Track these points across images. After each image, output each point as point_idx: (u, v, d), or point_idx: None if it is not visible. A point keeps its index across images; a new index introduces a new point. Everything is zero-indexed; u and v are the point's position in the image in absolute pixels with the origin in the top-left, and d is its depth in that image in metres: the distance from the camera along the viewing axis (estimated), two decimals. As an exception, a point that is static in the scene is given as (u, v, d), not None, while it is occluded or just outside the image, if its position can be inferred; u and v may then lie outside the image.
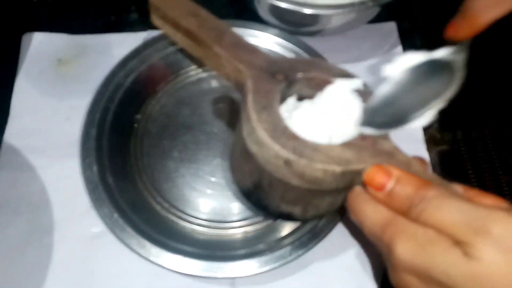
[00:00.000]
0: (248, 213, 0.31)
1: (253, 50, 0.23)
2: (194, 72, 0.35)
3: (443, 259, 0.16)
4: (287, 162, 0.19)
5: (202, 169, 0.32)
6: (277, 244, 0.28)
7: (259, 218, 0.31)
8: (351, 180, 0.20)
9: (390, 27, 0.39)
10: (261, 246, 0.28)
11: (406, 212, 0.18)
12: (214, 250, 0.28)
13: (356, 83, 0.22)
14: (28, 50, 0.36)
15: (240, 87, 0.23)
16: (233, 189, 0.31)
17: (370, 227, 0.19)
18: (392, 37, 0.39)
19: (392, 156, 0.19)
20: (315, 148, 0.19)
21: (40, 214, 0.30)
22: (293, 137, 0.19)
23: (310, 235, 0.27)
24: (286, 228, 0.30)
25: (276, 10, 0.33)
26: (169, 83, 0.35)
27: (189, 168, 0.32)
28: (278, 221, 0.30)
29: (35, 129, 0.33)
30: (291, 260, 0.27)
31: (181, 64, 0.35)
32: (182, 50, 0.34)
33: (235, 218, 0.31)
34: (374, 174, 0.18)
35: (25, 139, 0.33)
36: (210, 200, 0.31)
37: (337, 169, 0.19)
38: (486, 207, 0.16)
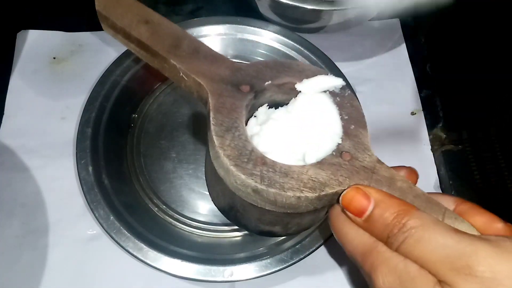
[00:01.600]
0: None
1: (214, 57, 0.21)
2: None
3: None
4: (256, 191, 0.17)
5: (200, 170, 0.31)
6: (278, 247, 0.27)
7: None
8: (330, 200, 0.18)
9: (394, 24, 0.39)
10: (261, 250, 0.27)
11: (385, 241, 0.16)
12: (213, 253, 0.27)
13: (329, 82, 0.20)
14: (23, 48, 0.36)
15: (203, 101, 0.21)
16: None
17: (350, 252, 0.18)
18: (396, 34, 0.38)
19: (372, 172, 0.18)
20: (286, 172, 0.17)
21: (35, 216, 0.30)
22: (261, 162, 0.18)
23: (311, 239, 0.27)
24: (287, 230, 0.29)
25: (277, 7, 0.32)
26: (166, 81, 0.34)
27: (187, 168, 0.31)
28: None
29: (29, 129, 0.33)
30: (292, 264, 0.26)
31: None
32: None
33: (234, 220, 0.30)
34: (351, 198, 0.17)
35: (20, 139, 0.32)
36: (208, 201, 0.30)
37: (311, 195, 0.17)
38: (471, 241, 0.15)
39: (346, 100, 0.20)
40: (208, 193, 0.30)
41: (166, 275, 0.26)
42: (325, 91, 0.20)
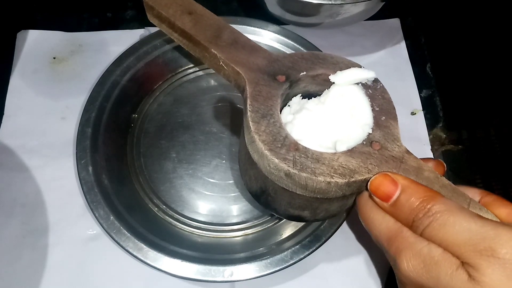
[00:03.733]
0: (248, 215, 0.30)
1: (252, 48, 0.22)
2: (192, 70, 0.35)
3: (447, 283, 0.16)
4: (288, 175, 0.18)
5: (200, 170, 0.31)
6: (278, 247, 0.27)
7: (259, 221, 0.30)
8: (358, 187, 0.19)
9: (394, 24, 0.39)
10: (261, 249, 0.27)
11: (410, 224, 0.17)
12: (213, 253, 0.27)
13: (362, 74, 0.21)
14: (23, 48, 0.36)
15: (240, 89, 0.22)
16: (232, 190, 0.31)
17: (377, 236, 0.18)
18: (396, 34, 0.38)
19: (401, 162, 0.18)
20: (317, 158, 0.18)
21: (35, 216, 0.30)
22: (294, 147, 0.18)
23: (312, 238, 0.27)
24: (287, 230, 0.29)
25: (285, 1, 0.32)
26: (167, 81, 0.34)
27: (187, 168, 0.31)
28: (279, 223, 0.30)
29: (29, 129, 0.33)
30: (292, 264, 0.26)
31: (179, 62, 0.34)
32: (180, 48, 0.34)
33: (234, 221, 0.30)
34: (379, 184, 0.18)
35: (20, 139, 0.32)
36: (209, 201, 0.30)
37: (341, 181, 0.18)
38: (495, 225, 0.16)
39: (377, 93, 0.21)
40: (208, 193, 0.31)
41: (166, 275, 0.26)
42: (357, 83, 0.21)
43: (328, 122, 0.20)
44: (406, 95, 0.35)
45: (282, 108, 0.21)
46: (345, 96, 0.21)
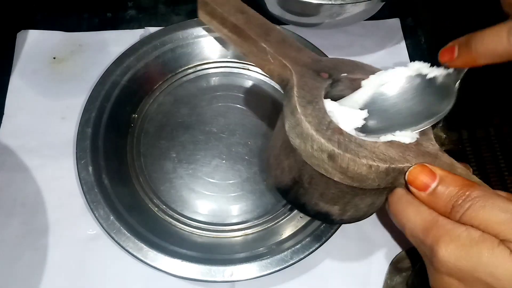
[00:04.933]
0: (248, 215, 0.30)
1: (298, 48, 0.23)
2: (192, 70, 0.35)
3: (488, 259, 0.16)
4: (331, 156, 0.19)
5: (200, 170, 0.31)
6: (278, 247, 0.27)
7: (260, 221, 0.30)
8: (394, 179, 0.19)
9: (394, 24, 0.39)
10: (261, 249, 0.27)
11: (449, 212, 0.18)
12: (213, 253, 0.27)
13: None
14: (23, 48, 0.36)
15: (284, 82, 0.23)
16: (232, 190, 0.31)
17: (412, 230, 0.19)
18: (396, 34, 0.38)
19: (436, 158, 0.19)
20: (360, 143, 0.19)
21: (35, 216, 0.30)
22: (339, 131, 0.19)
23: (312, 238, 0.27)
24: (287, 230, 0.29)
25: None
26: (167, 81, 0.34)
27: (187, 169, 0.31)
28: (279, 223, 0.30)
29: (29, 129, 0.33)
30: (292, 264, 0.26)
31: (179, 62, 0.34)
32: (180, 48, 0.34)
33: (234, 221, 0.30)
34: (418, 173, 0.18)
35: (20, 139, 0.32)
36: (209, 201, 0.30)
37: (382, 166, 0.18)
38: None
39: None
40: (208, 193, 0.31)
41: (166, 275, 0.26)
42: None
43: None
44: (406, 95, 0.35)
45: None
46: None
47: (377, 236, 0.30)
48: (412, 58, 0.37)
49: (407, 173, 0.19)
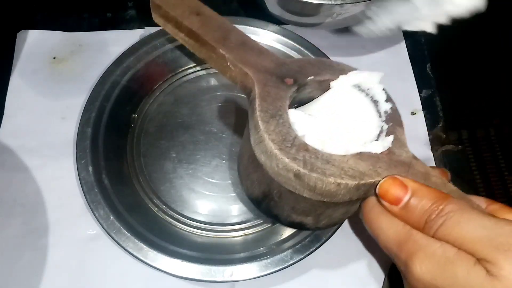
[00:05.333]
0: (248, 215, 0.30)
1: (260, 51, 0.22)
2: (192, 70, 0.35)
3: (465, 280, 0.15)
4: (297, 175, 0.18)
5: (200, 170, 0.31)
6: (278, 247, 0.27)
7: (260, 221, 0.30)
8: (366, 191, 0.19)
9: (394, 24, 0.38)
10: (261, 249, 0.27)
11: (423, 226, 0.17)
12: (213, 253, 0.27)
13: (366, 76, 0.21)
14: (22, 48, 0.36)
15: (247, 91, 0.21)
16: (232, 190, 0.31)
17: (385, 242, 0.18)
18: (396, 34, 0.38)
19: (409, 167, 0.18)
20: (327, 159, 0.18)
21: (35, 216, 0.29)
22: (304, 148, 0.18)
23: (312, 238, 0.27)
24: (287, 230, 0.29)
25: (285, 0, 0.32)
26: (167, 81, 0.34)
27: (187, 169, 0.31)
28: (279, 223, 0.30)
29: (29, 129, 0.33)
30: (292, 264, 0.26)
31: (179, 62, 0.34)
32: (180, 48, 0.34)
33: (234, 221, 0.30)
34: (388, 187, 0.17)
35: (20, 139, 0.32)
36: (209, 201, 0.30)
37: (351, 183, 0.18)
38: (509, 221, 0.16)
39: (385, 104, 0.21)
40: (208, 193, 0.31)
41: (166, 275, 0.26)
42: (361, 91, 0.21)
43: (336, 127, 0.20)
44: (406, 95, 0.35)
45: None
46: (349, 100, 0.21)
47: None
48: (412, 58, 0.37)
49: (377, 186, 0.18)
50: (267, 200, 0.21)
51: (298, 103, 0.22)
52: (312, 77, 0.21)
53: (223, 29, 0.22)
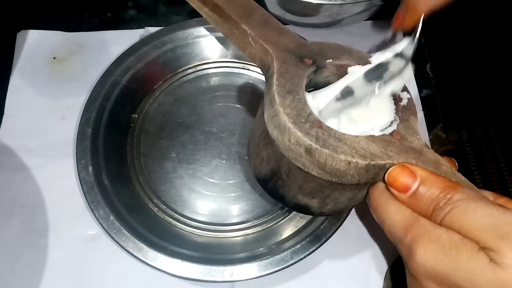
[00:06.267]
0: (248, 215, 0.30)
1: (282, 30, 0.22)
2: (192, 70, 0.35)
3: (467, 265, 0.15)
4: (309, 151, 0.18)
5: (200, 170, 0.31)
6: (278, 247, 0.27)
7: (260, 221, 0.30)
8: (375, 175, 0.19)
9: (394, 24, 0.38)
10: (261, 249, 0.27)
11: (430, 214, 0.17)
12: (213, 253, 0.27)
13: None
14: (23, 48, 0.36)
15: (265, 68, 0.22)
16: (232, 190, 0.31)
17: (391, 227, 0.18)
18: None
19: (420, 154, 0.18)
20: (340, 138, 0.18)
21: (35, 216, 0.29)
22: (318, 124, 0.18)
23: (312, 238, 0.27)
24: (287, 230, 0.29)
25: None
26: (167, 81, 0.34)
27: (187, 169, 0.31)
28: (279, 223, 0.30)
29: (29, 128, 0.32)
30: (292, 264, 0.26)
31: (179, 62, 0.34)
32: (180, 48, 0.34)
33: (234, 221, 0.30)
34: (398, 174, 0.18)
35: (20, 139, 0.32)
36: (209, 201, 0.30)
37: (361, 162, 0.18)
38: None
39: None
40: (208, 193, 0.31)
41: (166, 275, 0.26)
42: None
43: (349, 111, 0.20)
44: (406, 95, 0.35)
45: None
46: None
47: (377, 236, 0.30)
48: (412, 58, 0.37)
49: (386, 174, 0.18)
50: (274, 178, 0.21)
51: (314, 87, 0.22)
52: (331, 60, 0.21)
53: (247, 6, 0.23)
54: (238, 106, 0.34)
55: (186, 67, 0.35)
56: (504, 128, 0.35)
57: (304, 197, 0.21)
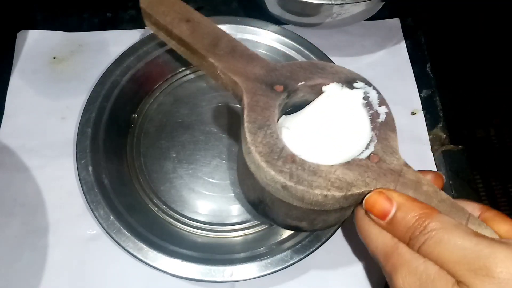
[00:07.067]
0: (248, 215, 0.30)
1: (250, 57, 0.22)
2: (192, 70, 0.35)
3: None
4: (285, 187, 0.18)
5: (200, 170, 0.31)
6: (278, 247, 0.27)
7: (259, 221, 0.30)
8: (356, 200, 0.19)
9: (394, 24, 0.39)
10: (261, 249, 0.27)
11: (407, 242, 0.17)
12: (213, 253, 0.27)
13: (358, 93, 0.20)
14: (23, 48, 0.36)
15: (238, 98, 0.21)
16: (232, 190, 0.31)
17: (374, 252, 0.18)
18: (396, 34, 0.38)
19: (399, 175, 0.18)
20: (314, 171, 0.18)
21: (35, 216, 0.29)
22: (291, 159, 0.18)
23: (312, 238, 0.27)
24: (287, 231, 0.29)
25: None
26: (167, 81, 0.34)
27: (187, 169, 0.31)
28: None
29: (29, 129, 0.33)
30: (292, 264, 0.26)
31: (179, 62, 0.34)
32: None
33: (234, 221, 0.30)
34: (374, 201, 0.18)
35: (20, 139, 0.32)
36: (209, 201, 0.30)
37: (338, 194, 0.18)
38: (490, 243, 0.15)
39: (375, 103, 0.20)
40: (208, 193, 0.31)
41: (166, 275, 0.26)
42: (355, 92, 0.21)
43: (325, 133, 0.20)
44: (406, 95, 0.35)
45: (279, 117, 0.21)
46: (342, 105, 0.20)
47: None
48: (412, 58, 0.37)
49: (364, 200, 0.18)
50: (262, 205, 0.21)
51: (292, 107, 0.22)
52: (303, 83, 0.21)
53: (212, 36, 0.22)
54: (238, 106, 0.33)
55: (186, 67, 0.35)
56: (504, 128, 0.35)
57: (293, 220, 0.21)
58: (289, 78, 0.21)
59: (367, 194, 0.18)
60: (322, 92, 0.21)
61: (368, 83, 0.21)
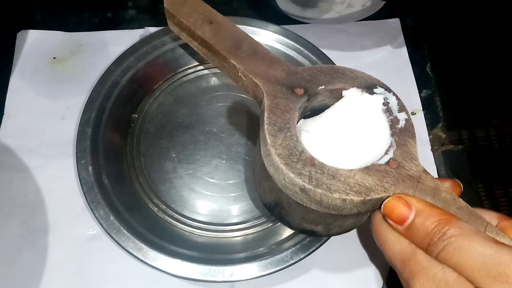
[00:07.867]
0: (248, 215, 0.30)
1: (272, 60, 0.22)
2: (192, 70, 0.35)
3: None
4: (303, 190, 0.18)
5: (200, 170, 0.31)
6: (278, 247, 0.27)
7: (260, 221, 0.30)
8: (374, 205, 0.19)
9: (394, 24, 0.39)
10: (261, 249, 0.27)
11: (425, 249, 0.17)
12: (213, 253, 0.27)
13: (378, 98, 0.21)
14: (23, 48, 0.36)
15: (258, 100, 0.22)
16: (232, 190, 0.31)
17: (390, 258, 0.18)
18: (396, 34, 0.38)
19: (418, 182, 0.18)
20: (333, 174, 0.18)
21: (35, 216, 0.29)
22: (311, 162, 0.18)
23: (311, 238, 0.27)
24: (287, 230, 0.29)
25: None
26: (167, 81, 0.34)
27: (187, 168, 0.31)
28: (279, 223, 0.30)
29: (29, 128, 0.33)
30: (292, 264, 0.26)
31: (179, 62, 0.34)
32: (180, 48, 0.34)
33: (234, 221, 0.30)
34: (393, 206, 0.17)
35: (20, 139, 0.32)
36: (209, 201, 0.30)
37: (356, 199, 0.18)
38: (509, 250, 0.15)
39: (395, 109, 0.21)
40: (208, 193, 0.31)
41: (166, 275, 0.26)
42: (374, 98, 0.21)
43: (346, 138, 0.20)
44: (406, 95, 0.35)
45: (299, 120, 0.21)
46: (363, 111, 0.20)
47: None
48: (412, 58, 0.37)
49: (382, 205, 0.18)
50: (278, 208, 0.21)
51: (311, 111, 0.22)
52: (323, 87, 0.21)
53: (235, 38, 0.22)
54: (238, 106, 0.34)
55: (186, 67, 0.35)
56: (504, 128, 0.35)
57: (309, 224, 0.21)
58: (310, 81, 0.21)
59: (385, 199, 0.18)
60: (342, 97, 0.21)
61: (388, 89, 0.21)
